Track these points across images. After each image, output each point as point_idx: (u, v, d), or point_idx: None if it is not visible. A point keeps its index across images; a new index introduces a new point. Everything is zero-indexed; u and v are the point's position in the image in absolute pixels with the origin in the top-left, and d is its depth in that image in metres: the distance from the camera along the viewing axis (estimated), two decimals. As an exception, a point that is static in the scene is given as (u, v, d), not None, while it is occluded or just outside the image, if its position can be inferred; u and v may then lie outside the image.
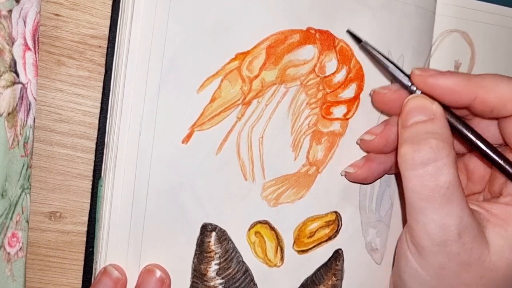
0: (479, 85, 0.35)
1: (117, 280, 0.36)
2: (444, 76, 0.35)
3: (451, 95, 0.35)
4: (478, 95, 0.35)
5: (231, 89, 0.38)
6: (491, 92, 0.34)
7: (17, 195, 0.35)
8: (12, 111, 0.34)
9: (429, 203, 0.33)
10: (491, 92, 0.34)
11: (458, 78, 0.35)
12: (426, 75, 0.36)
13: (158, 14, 0.36)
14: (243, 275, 0.39)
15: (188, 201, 0.37)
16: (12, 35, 0.33)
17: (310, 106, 0.40)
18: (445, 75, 0.35)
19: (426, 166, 0.33)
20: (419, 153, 0.33)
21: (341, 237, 0.42)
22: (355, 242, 0.42)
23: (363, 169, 0.40)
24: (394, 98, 0.38)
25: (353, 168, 0.40)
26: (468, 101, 0.35)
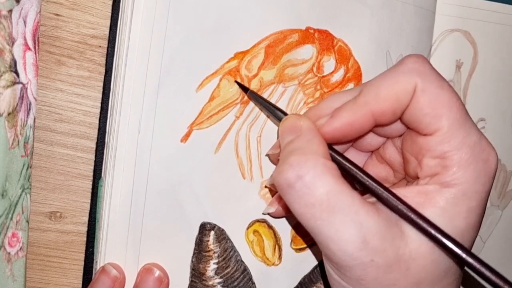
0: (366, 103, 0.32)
1: (115, 279, 0.36)
2: (334, 118, 0.33)
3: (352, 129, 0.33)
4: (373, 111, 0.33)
5: (229, 88, 0.38)
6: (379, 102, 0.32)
7: (17, 195, 0.35)
8: (12, 111, 0.34)
9: (317, 221, 0.30)
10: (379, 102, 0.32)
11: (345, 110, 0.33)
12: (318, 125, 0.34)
13: (157, 14, 0.36)
14: (241, 274, 0.39)
15: (187, 200, 0.38)
16: (12, 35, 0.33)
17: (308, 106, 0.40)
18: (334, 117, 0.33)
19: (295, 186, 0.30)
20: (282, 175, 0.31)
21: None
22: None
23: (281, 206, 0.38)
24: None
25: (273, 207, 0.39)
26: (370, 122, 0.33)
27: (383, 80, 0.32)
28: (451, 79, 0.46)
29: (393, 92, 0.32)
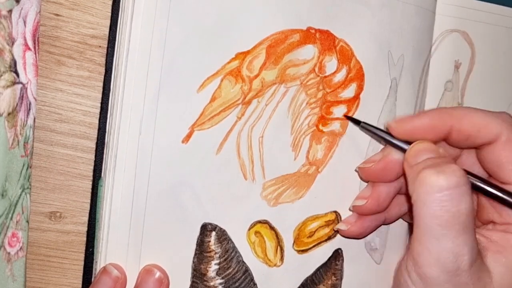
0: (452, 116, 0.36)
1: (116, 279, 0.36)
2: (418, 118, 0.37)
3: (429, 131, 0.37)
4: (453, 126, 0.36)
5: (231, 89, 0.38)
6: (464, 121, 0.36)
7: (17, 195, 0.35)
8: (12, 111, 0.34)
9: (447, 230, 0.32)
10: (464, 121, 0.36)
11: (431, 114, 0.37)
12: (402, 122, 0.37)
13: (158, 14, 0.36)
14: (243, 275, 0.39)
15: (188, 200, 0.37)
16: (12, 35, 0.33)
17: (310, 106, 0.40)
18: (418, 116, 0.37)
19: (450, 190, 0.32)
20: (443, 176, 0.33)
21: (340, 236, 0.42)
22: (355, 241, 0.42)
23: (355, 226, 0.40)
24: (381, 167, 0.39)
25: (346, 225, 0.40)
26: (445, 133, 0.37)
27: (475, 110, 0.36)
28: (450, 79, 0.46)
29: (479, 121, 0.36)
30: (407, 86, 0.43)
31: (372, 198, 0.39)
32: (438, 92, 0.45)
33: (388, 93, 0.42)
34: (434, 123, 0.36)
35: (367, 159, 0.41)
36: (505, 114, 0.36)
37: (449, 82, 0.46)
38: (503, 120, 0.36)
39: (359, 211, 0.40)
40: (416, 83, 0.44)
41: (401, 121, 0.38)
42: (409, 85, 0.43)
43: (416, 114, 0.38)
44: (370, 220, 0.40)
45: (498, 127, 0.35)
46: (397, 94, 0.42)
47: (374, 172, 0.39)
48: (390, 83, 0.42)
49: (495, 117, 0.36)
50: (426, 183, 0.33)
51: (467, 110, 0.37)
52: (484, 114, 0.36)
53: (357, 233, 0.41)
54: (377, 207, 0.40)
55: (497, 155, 0.36)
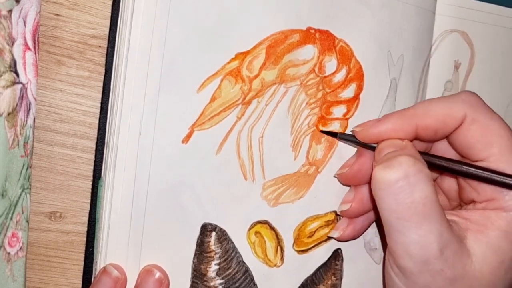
0: (415, 115, 0.36)
1: (116, 280, 0.36)
2: (381, 122, 0.37)
3: (395, 134, 0.37)
4: (418, 125, 0.36)
5: (231, 89, 0.38)
6: (427, 117, 0.36)
7: (17, 195, 0.35)
8: (12, 111, 0.34)
9: (406, 221, 0.33)
10: (427, 117, 0.36)
11: (393, 117, 0.37)
12: (366, 128, 0.38)
13: (158, 14, 0.36)
14: (243, 275, 0.39)
15: (188, 201, 0.38)
16: (12, 35, 0.33)
17: (310, 106, 0.40)
18: (381, 121, 0.37)
19: (399, 182, 0.33)
20: (390, 170, 0.33)
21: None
22: (354, 242, 0.42)
23: (348, 230, 0.41)
24: (356, 170, 0.39)
25: (338, 232, 0.41)
26: (411, 133, 0.37)
27: (436, 102, 0.37)
28: (449, 79, 0.46)
29: (441, 113, 0.36)
30: (407, 86, 0.43)
31: (355, 201, 0.40)
32: (438, 92, 0.45)
33: (388, 93, 0.42)
34: (398, 126, 0.37)
35: (343, 164, 0.41)
36: (464, 93, 0.36)
37: (449, 82, 0.46)
38: (463, 102, 0.36)
39: (346, 215, 0.41)
40: (416, 83, 0.44)
41: (366, 126, 0.38)
42: (409, 85, 0.43)
43: (380, 118, 0.38)
44: (361, 220, 0.41)
45: (461, 110, 0.35)
46: (397, 94, 0.43)
47: (351, 175, 0.40)
48: (389, 83, 0.42)
49: (455, 101, 0.36)
50: (376, 179, 0.34)
51: (428, 105, 0.36)
52: (444, 103, 0.36)
53: (351, 236, 0.41)
54: (362, 208, 0.40)
55: (465, 136, 0.36)
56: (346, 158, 0.41)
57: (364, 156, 0.39)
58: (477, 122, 0.35)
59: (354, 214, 0.40)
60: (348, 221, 0.41)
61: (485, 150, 0.35)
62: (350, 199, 0.40)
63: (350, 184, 0.41)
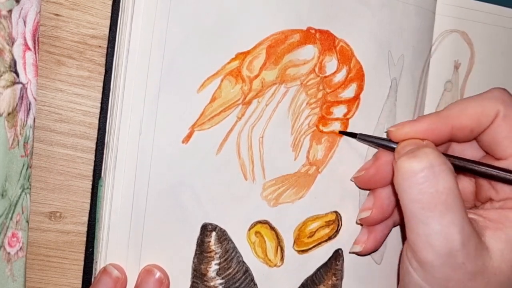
0: (450, 116, 0.37)
1: (117, 280, 0.36)
2: (417, 122, 0.38)
3: (430, 135, 0.37)
4: (453, 125, 0.37)
5: (231, 89, 0.38)
6: (462, 117, 0.36)
7: (17, 195, 0.35)
8: (12, 111, 0.34)
9: (430, 212, 0.33)
10: (462, 117, 0.36)
11: (429, 118, 0.37)
12: (401, 128, 0.38)
13: (158, 14, 0.36)
14: (243, 275, 0.39)
15: (188, 201, 0.38)
16: (12, 35, 0.33)
17: (310, 106, 0.40)
18: (417, 121, 0.38)
19: (424, 171, 0.33)
20: (415, 159, 0.33)
21: (341, 237, 0.42)
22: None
23: (369, 242, 0.41)
24: (373, 172, 0.40)
25: (360, 246, 0.41)
26: (447, 134, 0.37)
27: (469, 101, 0.37)
28: (449, 79, 0.46)
29: (475, 112, 0.36)
30: (407, 86, 0.43)
31: (375, 207, 0.40)
32: (438, 92, 0.45)
33: (388, 93, 0.42)
34: (434, 126, 0.37)
35: (360, 167, 0.41)
36: (496, 90, 0.37)
37: (449, 82, 0.46)
38: (496, 99, 0.36)
39: (366, 222, 0.41)
40: (416, 83, 0.44)
41: (401, 126, 0.38)
42: (409, 85, 0.43)
43: (416, 119, 0.38)
44: (381, 229, 0.41)
45: (495, 107, 0.36)
46: (397, 94, 0.43)
47: (368, 178, 0.40)
48: (390, 83, 0.42)
49: (489, 99, 0.36)
50: (401, 169, 0.34)
51: (461, 105, 0.37)
52: (477, 101, 0.36)
53: (374, 247, 0.41)
54: (382, 214, 0.40)
55: (495, 132, 0.36)
56: (346, 158, 0.41)
57: (381, 159, 0.39)
58: (509, 118, 0.35)
59: (375, 221, 0.40)
60: (368, 233, 0.41)
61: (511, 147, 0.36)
62: (370, 205, 0.40)
63: (367, 187, 0.41)
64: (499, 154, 0.36)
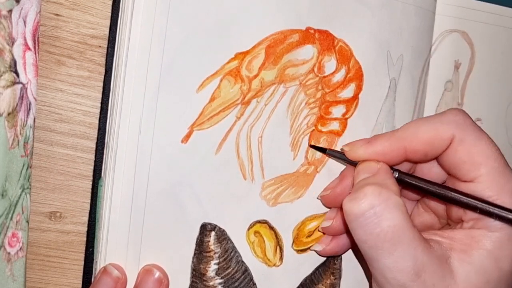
0: (403, 138, 0.36)
1: (117, 279, 0.36)
2: (370, 144, 0.37)
3: (384, 157, 0.37)
4: (406, 148, 0.36)
5: (230, 89, 0.38)
6: (414, 141, 0.36)
7: (17, 195, 0.35)
8: (12, 111, 0.34)
9: (379, 250, 0.33)
10: (414, 141, 0.36)
11: (383, 139, 0.37)
12: (355, 148, 0.38)
13: (158, 14, 0.36)
14: (242, 275, 0.39)
15: (188, 200, 0.38)
16: (12, 35, 0.33)
17: (309, 106, 0.40)
18: (370, 142, 0.37)
19: (365, 214, 0.33)
20: (356, 202, 0.33)
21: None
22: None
23: (331, 245, 0.41)
24: (339, 192, 0.39)
25: (321, 246, 0.41)
26: (401, 156, 0.37)
27: (423, 123, 0.36)
28: (450, 79, 0.46)
29: (428, 136, 0.36)
30: (406, 86, 0.43)
31: (337, 218, 0.40)
32: (438, 92, 0.45)
33: (387, 93, 0.42)
34: (387, 149, 0.37)
35: (326, 186, 0.41)
36: (451, 112, 0.36)
37: (449, 82, 0.46)
38: (450, 122, 0.35)
39: (327, 232, 0.40)
40: (416, 83, 0.44)
41: (355, 146, 0.38)
42: (408, 85, 0.43)
43: (370, 139, 0.38)
44: (345, 237, 0.40)
45: (449, 131, 0.35)
46: (396, 94, 0.42)
47: (333, 197, 0.40)
48: (389, 83, 0.42)
49: (442, 122, 0.35)
50: (345, 211, 0.34)
51: (415, 127, 0.36)
52: (431, 124, 0.36)
53: (334, 252, 0.41)
54: (344, 226, 0.39)
55: (453, 156, 0.35)
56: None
57: (347, 178, 0.39)
58: (465, 142, 0.35)
59: (336, 232, 0.40)
60: (332, 237, 0.41)
61: (473, 171, 0.35)
62: (332, 216, 0.40)
63: (333, 206, 0.41)
64: (462, 177, 0.36)
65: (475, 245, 0.34)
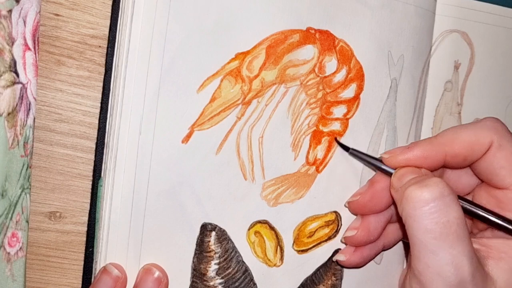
0: (443, 143, 0.37)
1: (117, 279, 0.36)
2: (410, 149, 0.38)
3: (424, 162, 0.37)
4: (447, 153, 0.37)
5: (231, 89, 0.38)
6: (456, 145, 0.36)
7: (17, 195, 0.35)
8: (12, 111, 0.34)
9: (442, 241, 0.32)
10: (456, 145, 0.36)
11: (422, 145, 0.37)
12: (395, 155, 0.38)
13: (158, 14, 0.36)
14: (242, 275, 0.39)
15: (188, 200, 0.38)
16: (12, 35, 0.33)
17: (310, 106, 0.40)
18: (410, 148, 0.38)
19: (435, 201, 0.33)
20: (426, 188, 0.33)
21: (340, 237, 0.42)
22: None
23: (355, 256, 0.40)
24: (368, 198, 0.39)
25: (344, 256, 0.40)
26: (440, 161, 0.37)
27: (463, 129, 0.37)
28: (449, 79, 0.46)
29: (469, 140, 0.36)
30: (407, 86, 0.43)
31: (361, 228, 0.40)
32: (438, 92, 0.45)
33: (388, 93, 0.42)
34: (427, 154, 0.37)
35: (355, 192, 0.41)
36: (490, 120, 0.37)
37: (449, 83, 0.46)
38: (489, 128, 0.36)
39: (350, 242, 0.40)
40: (416, 83, 0.44)
41: (394, 153, 0.38)
42: (409, 85, 0.43)
43: (408, 146, 0.38)
44: (368, 248, 0.40)
45: (488, 137, 0.36)
46: (397, 94, 0.43)
47: (363, 204, 0.40)
48: (390, 83, 0.42)
49: (482, 128, 0.36)
50: (412, 199, 0.33)
51: (455, 133, 0.37)
52: (471, 130, 0.36)
53: (357, 263, 0.41)
54: (367, 237, 0.40)
55: (491, 162, 0.36)
56: (346, 159, 0.41)
57: (377, 184, 0.39)
58: (503, 148, 0.36)
59: (358, 242, 0.40)
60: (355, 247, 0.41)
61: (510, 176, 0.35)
62: (357, 226, 0.40)
63: (360, 213, 0.40)
64: (497, 183, 0.36)
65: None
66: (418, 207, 0.33)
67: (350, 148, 0.40)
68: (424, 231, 0.33)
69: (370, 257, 0.41)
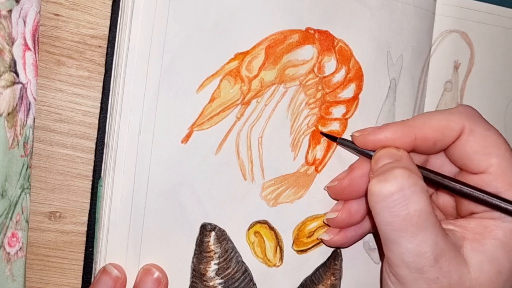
0: (414, 126, 0.37)
1: (116, 279, 0.36)
2: (381, 130, 0.38)
3: (393, 144, 0.37)
4: (416, 135, 0.37)
5: (230, 89, 0.38)
6: (426, 128, 0.36)
7: (17, 195, 0.35)
8: (12, 111, 0.34)
9: (402, 233, 0.33)
10: (426, 128, 0.36)
11: (394, 126, 0.37)
12: (365, 134, 0.38)
13: (157, 14, 0.36)
14: (242, 275, 0.39)
15: (188, 201, 0.38)
16: (12, 35, 0.33)
17: (309, 106, 0.40)
18: (382, 128, 0.38)
19: (393, 195, 0.33)
20: (385, 183, 0.33)
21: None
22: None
23: (339, 236, 0.41)
24: (347, 184, 0.39)
25: (328, 235, 0.41)
26: (410, 143, 0.37)
27: (435, 114, 0.37)
28: (449, 79, 0.46)
29: (440, 124, 0.36)
30: (406, 86, 0.43)
31: (343, 211, 0.40)
32: (438, 92, 0.45)
33: (387, 93, 0.42)
34: (397, 135, 0.37)
35: (334, 178, 0.41)
36: (462, 106, 0.37)
37: (449, 83, 0.46)
38: (461, 113, 0.36)
39: (332, 223, 0.40)
40: (416, 84, 0.44)
41: (365, 132, 0.38)
42: (408, 85, 0.43)
43: (380, 126, 0.38)
44: (353, 230, 0.41)
45: (459, 122, 0.36)
46: (396, 95, 0.43)
47: (340, 189, 0.40)
48: (389, 83, 0.42)
49: (454, 113, 0.36)
50: (372, 193, 0.34)
51: (426, 117, 0.37)
52: (442, 114, 0.37)
53: (340, 243, 0.41)
54: (349, 219, 0.40)
55: (464, 147, 0.36)
56: (345, 159, 0.41)
57: (356, 170, 0.39)
58: (475, 133, 0.36)
59: (340, 224, 0.40)
60: None
61: (484, 160, 0.35)
62: (339, 208, 0.40)
63: (339, 198, 0.41)
64: (473, 169, 0.36)
65: (488, 235, 0.35)
66: (377, 201, 0.34)
67: (337, 138, 0.40)
68: (385, 224, 0.34)
69: (355, 238, 0.41)
